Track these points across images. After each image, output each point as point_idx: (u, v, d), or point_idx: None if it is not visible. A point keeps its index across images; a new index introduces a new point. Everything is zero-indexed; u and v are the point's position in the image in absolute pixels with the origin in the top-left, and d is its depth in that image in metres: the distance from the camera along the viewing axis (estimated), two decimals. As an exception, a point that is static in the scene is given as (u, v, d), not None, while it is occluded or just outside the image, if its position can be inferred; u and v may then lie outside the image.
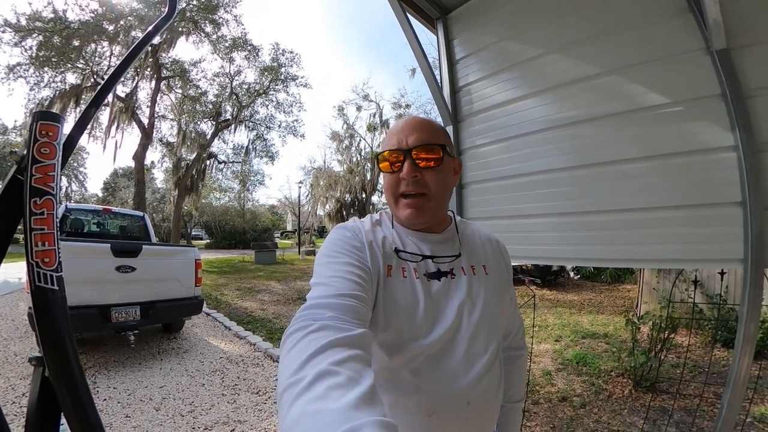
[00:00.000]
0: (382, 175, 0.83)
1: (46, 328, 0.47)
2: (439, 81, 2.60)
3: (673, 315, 3.77)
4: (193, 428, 2.82)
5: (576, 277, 10.91)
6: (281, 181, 65.57)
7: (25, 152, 0.55)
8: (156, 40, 15.45)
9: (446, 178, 0.78)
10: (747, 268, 1.59)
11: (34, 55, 14.06)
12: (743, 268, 1.62)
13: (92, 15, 14.36)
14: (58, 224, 0.53)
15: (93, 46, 15.01)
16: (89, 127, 16.33)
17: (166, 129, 19.80)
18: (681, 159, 1.77)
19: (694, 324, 4.77)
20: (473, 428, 0.74)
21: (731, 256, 1.66)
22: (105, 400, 3.19)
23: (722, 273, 2.34)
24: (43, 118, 0.56)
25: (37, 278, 0.49)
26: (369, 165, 21.92)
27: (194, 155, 19.09)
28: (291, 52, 19.52)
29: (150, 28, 1.06)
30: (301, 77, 20.18)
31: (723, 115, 1.65)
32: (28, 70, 14.44)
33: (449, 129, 2.54)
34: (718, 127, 1.67)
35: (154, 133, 18.36)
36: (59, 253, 0.51)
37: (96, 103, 0.81)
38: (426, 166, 0.74)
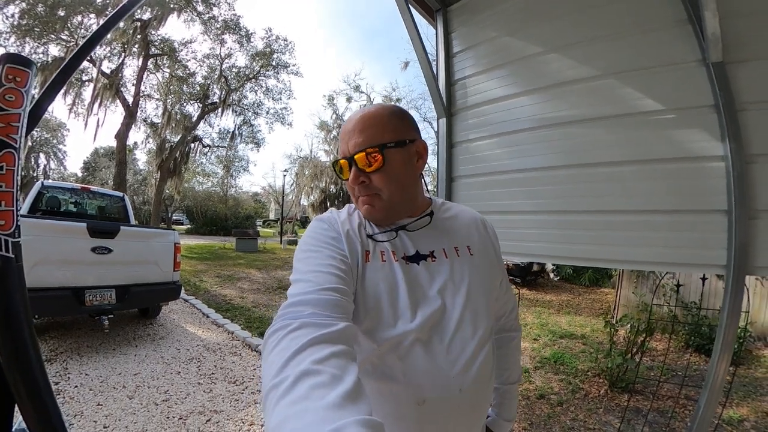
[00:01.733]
0: None
1: (-2, 303, 0.42)
2: (435, 73, 2.56)
3: (650, 319, 3.85)
4: (168, 417, 2.75)
5: (555, 279, 11.08)
6: (266, 169, 64.88)
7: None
8: (146, 15, 14.95)
9: (396, 174, 0.74)
10: (729, 274, 1.63)
11: (15, 23, 13.40)
12: (725, 274, 1.65)
13: (80, -16, 13.80)
14: (18, 183, 0.46)
15: (79, 17, 14.41)
16: (72, 103, 15.79)
17: (151, 109, 19.30)
18: (670, 165, 1.79)
19: (669, 328, 4.90)
20: (467, 416, 0.71)
21: (714, 261, 1.69)
22: (76, 387, 3.08)
23: (704, 279, 2.40)
24: (12, 60, 0.49)
25: (-11, 243, 0.43)
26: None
27: (179, 137, 18.64)
28: (285, 40, 19.23)
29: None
30: (293, 65, 19.91)
31: (714, 125, 1.68)
32: (8, 39, 13.74)
33: (442, 121, 2.52)
34: (709, 137, 1.70)
35: (139, 112, 17.85)
36: (18, 216, 0.44)
37: (72, 66, 0.75)
38: (371, 170, 0.73)
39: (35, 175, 30.72)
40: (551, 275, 11.20)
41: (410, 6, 2.39)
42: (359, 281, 0.70)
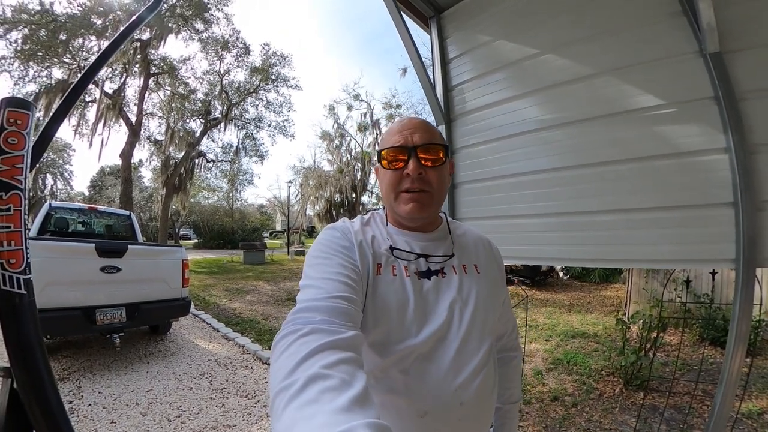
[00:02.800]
0: (376, 174, 0.83)
1: (13, 336, 0.43)
2: (432, 80, 2.57)
3: (662, 314, 3.81)
4: (181, 433, 2.76)
5: (565, 278, 10.99)
6: (270, 181, 65.72)
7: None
8: (145, 35, 15.19)
9: (445, 178, 0.79)
10: (739, 267, 1.61)
11: (19, 48, 13.65)
12: (735, 267, 1.63)
13: (80, 8, 14.03)
14: (26, 222, 0.48)
15: (80, 40, 14.64)
16: (77, 124, 16.03)
17: (155, 127, 19.50)
18: (673, 160, 1.78)
19: (681, 323, 4.83)
20: (467, 430, 0.72)
21: (723, 256, 1.67)
22: (90, 405, 3.10)
23: (713, 273, 2.36)
24: (12, 104, 0.51)
25: (3, 281, 0.44)
26: (359, 165, 21.82)
27: (183, 153, 18.82)
28: (282, 55, 19.41)
29: (134, 18, 1.02)
30: (292, 78, 20.08)
31: (715, 117, 1.67)
32: (12, 64, 14.01)
33: (441, 128, 2.53)
34: (711, 129, 1.68)
35: (142, 130, 18.05)
36: (27, 254, 0.46)
37: (76, 93, 0.77)
38: (429, 165, 0.75)
39: (43, 195, 31.08)
40: (560, 274, 11.12)
41: (403, 14, 2.41)
42: (369, 293, 0.70)
